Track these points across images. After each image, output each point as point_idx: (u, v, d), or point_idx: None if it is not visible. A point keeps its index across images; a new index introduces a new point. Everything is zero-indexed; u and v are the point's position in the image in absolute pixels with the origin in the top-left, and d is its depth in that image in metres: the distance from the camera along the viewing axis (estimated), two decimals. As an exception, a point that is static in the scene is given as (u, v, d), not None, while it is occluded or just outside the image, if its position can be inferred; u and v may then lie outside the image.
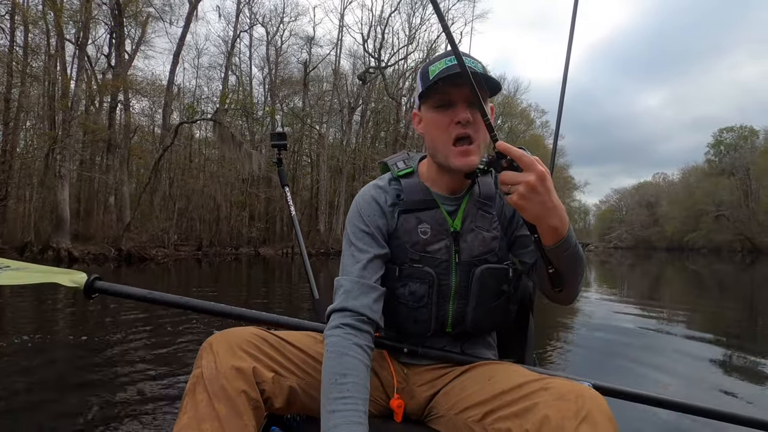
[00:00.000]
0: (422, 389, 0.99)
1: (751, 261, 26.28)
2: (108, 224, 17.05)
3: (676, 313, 6.32)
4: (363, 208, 1.02)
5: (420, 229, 1.00)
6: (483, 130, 0.92)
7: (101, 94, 19.04)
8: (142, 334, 4.10)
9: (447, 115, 0.95)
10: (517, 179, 0.79)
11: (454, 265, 0.99)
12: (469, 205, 1.03)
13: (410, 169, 1.07)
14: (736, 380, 3.20)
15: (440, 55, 0.96)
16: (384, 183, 1.07)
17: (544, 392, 0.76)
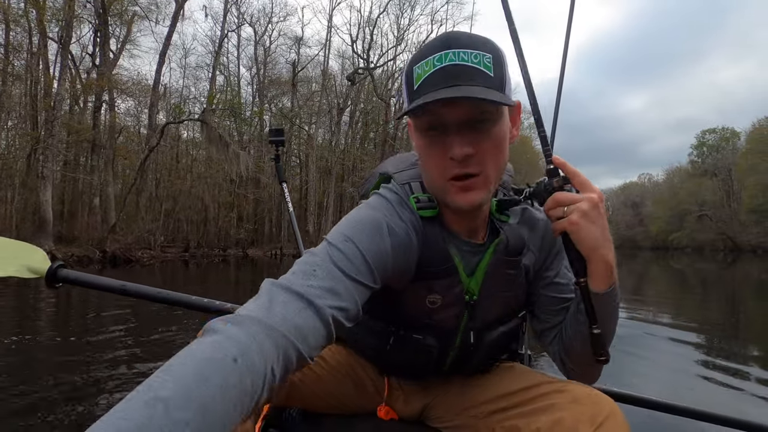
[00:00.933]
0: (418, 396, 0.91)
1: (733, 260, 26.85)
2: (93, 226, 16.79)
3: (661, 310, 6.42)
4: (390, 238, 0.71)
5: (429, 299, 0.79)
6: (495, 152, 0.71)
7: (85, 93, 18.77)
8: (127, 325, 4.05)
9: (438, 144, 0.71)
10: (579, 197, 0.69)
11: (461, 330, 0.83)
12: (492, 264, 0.80)
13: (434, 211, 0.78)
14: (716, 374, 3.28)
15: (430, 47, 0.70)
16: (406, 215, 0.77)
17: (558, 395, 0.73)
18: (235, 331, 0.49)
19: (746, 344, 4.43)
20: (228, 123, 25.78)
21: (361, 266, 0.66)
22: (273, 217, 27.26)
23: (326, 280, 0.62)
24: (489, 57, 0.69)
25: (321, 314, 0.59)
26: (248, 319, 0.52)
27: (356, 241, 0.67)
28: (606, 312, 0.73)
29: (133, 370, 3.00)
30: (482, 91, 0.66)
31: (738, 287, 10.91)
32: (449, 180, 0.72)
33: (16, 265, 0.97)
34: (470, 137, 0.69)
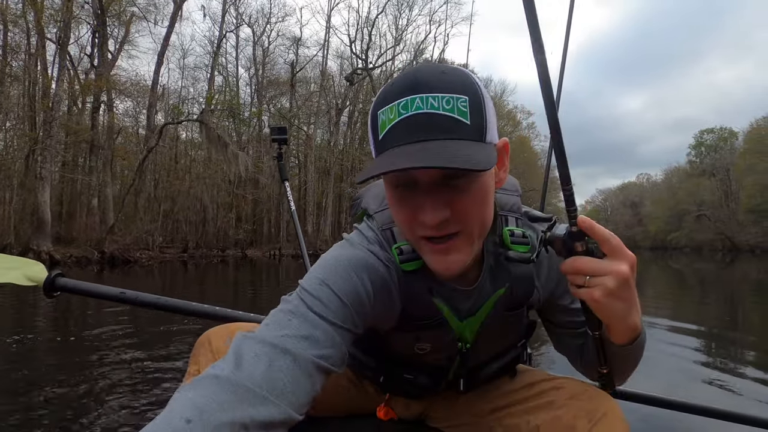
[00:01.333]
0: (418, 400, 0.90)
1: (731, 259, 26.89)
2: (91, 226, 16.77)
3: (660, 310, 6.43)
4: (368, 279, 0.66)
5: (418, 346, 0.76)
6: (476, 208, 0.61)
7: (84, 94, 18.75)
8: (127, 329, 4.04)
9: (409, 202, 0.62)
10: (605, 269, 0.58)
11: (454, 368, 0.80)
12: (492, 317, 0.74)
13: (418, 263, 0.69)
14: (713, 373, 3.28)
15: (394, 89, 0.60)
16: (386, 257, 0.70)
17: (556, 392, 0.74)
18: (191, 394, 0.47)
19: (744, 344, 4.44)
20: (227, 123, 25.77)
21: (339, 310, 0.60)
22: (272, 217, 27.25)
23: (303, 327, 0.57)
24: (464, 100, 0.57)
25: (300, 363, 0.54)
26: (209, 379, 0.49)
27: (330, 284, 0.62)
28: (625, 356, 0.69)
29: (129, 372, 3.00)
30: (456, 147, 0.55)
31: (736, 287, 10.93)
32: (421, 238, 0.63)
33: (15, 274, 0.98)
34: (445, 198, 0.59)
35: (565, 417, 0.68)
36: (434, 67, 0.60)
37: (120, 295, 1.01)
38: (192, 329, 4.21)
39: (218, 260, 18.87)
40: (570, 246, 0.61)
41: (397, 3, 29.11)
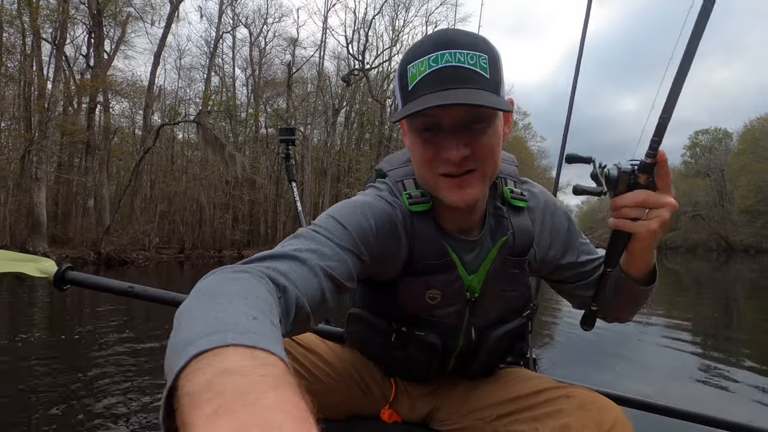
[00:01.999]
0: (424, 401, 0.90)
1: (726, 259, 27.08)
2: (87, 227, 16.71)
3: (655, 310, 6.48)
4: (372, 215, 0.72)
5: (428, 294, 0.78)
6: (490, 150, 0.70)
7: (79, 94, 18.69)
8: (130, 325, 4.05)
9: (433, 143, 0.69)
10: (664, 201, 0.65)
11: (464, 329, 0.82)
12: (497, 263, 0.79)
13: (427, 205, 0.76)
14: (708, 374, 3.33)
15: (425, 46, 0.67)
16: (396, 202, 0.77)
17: (565, 400, 0.73)
18: (233, 274, 0.50)
19: (738, 344, 4.50)
20: (223, 124, 25.74)
21: (344, 235, 0.67)
22: (268, 218, 27.22)
23: (311, 244, 0.62)
24: (485, 58, 0.66)
25: (309, 265, 0.59)
26: (237, 268, 0.53)
27: (337, 217, 0.69)
28: (642, 295, 0.78)
29: (126, 369, 3.01)
30: (479, 94, 0.64)
31: (731, 286, 11.02)
32: (441, 175, 0.71)
33: (28, 266, 1.01)
34: (466, 138, 0.68)
35: (574, 426, 0.68)
36: (459, 30, 0.69)
37: (128, 289, 1.01)
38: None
39: (215, 261, 18.83)
40: (636, 178, 0.65)
41: (394, 4, 29.17)
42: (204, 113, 18.95)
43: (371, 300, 0.85)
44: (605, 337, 4.39)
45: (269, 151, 27.81)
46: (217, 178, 23.08)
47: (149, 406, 2.35)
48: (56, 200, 18.68)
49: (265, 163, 26.70)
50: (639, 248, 0.72)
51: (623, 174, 0.66)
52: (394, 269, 0.77)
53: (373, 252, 0.71)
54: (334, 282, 0.62)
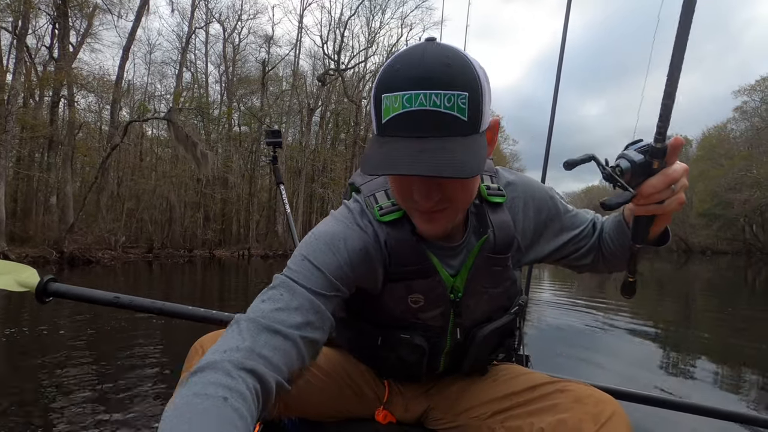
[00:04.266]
0: (418, 401, 0.90)
1: (685, 260, 28.35)
2: (49, 225, 16.06)
3: (620, 307, 6.75)
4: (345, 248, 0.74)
5: (411, 298, 0.79)
6: (464, 190, 0.69)
7: (42, 87, 17.94)
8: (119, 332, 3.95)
9: (404, 182, 0.69)
10: (681, 172, 0.68)
11: (450, 330, 0.83)
12: (478, 262, 0.79)
13: (397, 214, 0.76)
14: (668, 363, 3.53)
15: (401, 79, 0.62)
16: (365, 219, 0.78)
17: (560, 394, 0.73)
18: (215, 377, 0.54)
19: (696, 336, 4.76)
20: (196, 122, 25.20)
21: (320, 280, 0.69)
22: (241, 217, 26.81)
23: (290, 299, 0.66)
24: (464, 97, 0.61)
25: (290, 339, 0.63)
26: (219, 363, 0.56)
27: (311, 258, 0.71)
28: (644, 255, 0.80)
29: (129, 371, 2.96)
30: (451, 149, 0.61)
31: (690, 286, 11.58)
32: (413, 208, 0.71)
33: (5, 279, 0.96)
34: (437, 184, 0.66)
35: (571, 420, 0.68)
36: (439, 57, 0.62)
37: (114, 300, 1.00)
38: (185, 336, 4.16)
39: (185, 260, 18.42)
40: (649, 164, 0.66)
41: (370, 6, 29.24)
42: (175, 110, 18.51)
43: (356, 306, 0.85)
44: (571, 334, 4.58)
45: (242, 150, 27.38)
46: (188, 176, 22.57)
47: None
48: (15, 197, 17.87)
49: (238, 162, 26.28)
50: (665, 221, 0.75)
51: (640, 166, 0.66)
52: (376, 286, 0.79)
53: (351, 283, 0.74)
54: (311, 344, 0.66)
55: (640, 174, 0.67)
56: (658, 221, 0.74)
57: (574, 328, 4.95)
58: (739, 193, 36.24)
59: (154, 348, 3.57)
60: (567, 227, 0.88)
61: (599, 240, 0.89)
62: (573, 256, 0.89)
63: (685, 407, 1.01)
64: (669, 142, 0.67)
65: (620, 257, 0.85)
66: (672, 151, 0.67)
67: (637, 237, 0.75)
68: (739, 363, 3.51)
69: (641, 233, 0.74)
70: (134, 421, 2.15)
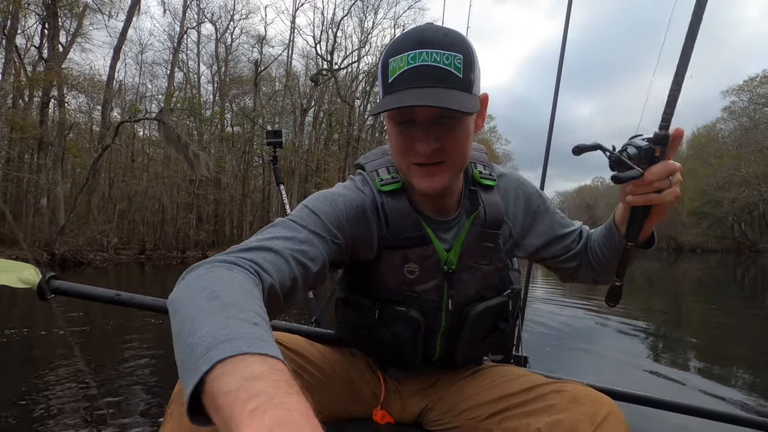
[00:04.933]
0: (415, 400, 0.91)
1: (675, 259, 28.65)
2: (39, 227, 15.91)
3: (600, 304, 6.83)
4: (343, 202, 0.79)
5: (407, 268, 0.82)
6: (461, 143, 0.75)
7: (31, 88, 17.76)
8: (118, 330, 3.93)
9: (407, 135, 0.75)
10: (678, 166, 0.70)
11: (445, 306, 0.85)
12: (470, 236, 0.84)
13: (398, 185, 0.83)
14: (658, 362, 3.58)
15: (405, 42, 0.72)
16: (366, 188, 0.84)
17: (557, 395, 0.74)
18: (211, 266, 0.57)
19: (685, 335, 4.84)
20: (188, 123, 25.06)
21: (316, 222, 0.73)
22: (234, 218, 26.71)
23: (286, 231, 0.69)
24: (459, 58, 0.70)
25: (282, 255, 0.65)
26: (211, 262, 0.59)
27: (310, 206, 0.76)
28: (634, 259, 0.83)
29: (128, 369, 2.95)
30: (449, 95, 0.69)
31: (679, 284, 11.71)
32: (414, 164, 0.76)
33: (7, 276, 0.96)
34: (437, 132, 0.73)
35: (567, 420, 0.68)
36: (438, 28, 0.73)
37: (115, 297, 0.99)
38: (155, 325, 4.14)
39: (178, 261, 18.31)
40: (653, 150, 0.68)
41: (363, 6, 29.25)
42: (166, 110, 18.40)
43: (355, 282, 0.89)
44: (563, 332, 4.64)
45: (235, 150, 27.27)
46: (180, 177, 22.45)
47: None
48: (5, 199, 17.67)
49: (231, 162, 26.17)
50: (660, 214, 0.76)
51: (645, 151, 0.69)
52: (372, 250, 0.82)
53: (346, 235, 0.77)
54: (303, 267, 0.68)
55: (644, 161, 0.70)
56: (653, 214, 0.76)
57: (568, 326, 5.01)
58: (728, 191, 36.72)
59: (148, 348, 3.57)
60: (556, 226, 0.92)
61: (586, 249, 0.92)
62: (560, 258, 0.92)
63: (681, 408, 1.00)
64: (671, 132, 0.70)
65: (607, 265, 0.88)
66: (673, 141, 0.70)
67: (632, 232, 0.77)
68: (729, 361, 3.58)
69: (636, 227, 0.77)
70: (133, 421, 2.15)
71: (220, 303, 0.47)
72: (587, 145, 0.75)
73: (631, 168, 0.70)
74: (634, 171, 0.70)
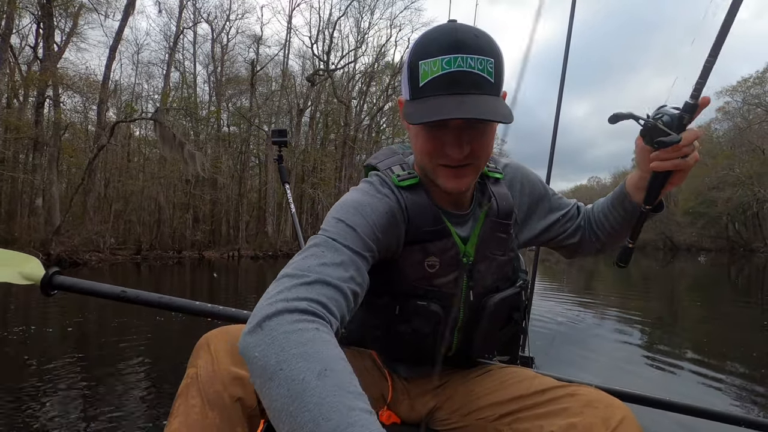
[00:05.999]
0: (424, 400, 0.91)
1: (671, 258, 28.82)
2: (34, 227, 15.81)
3: (608, 304, 6.88)
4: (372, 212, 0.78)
5: (427, 262, 0.83)
6: (487, 145, 0.77)
7: (26, 87, 17.65)
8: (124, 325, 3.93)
9: (438, 137, 0.75)
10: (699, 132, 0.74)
11: (463, 298, 0.86)
12: (485, 227, 0.86)
13: (414, 179, 0.85)
14: (655, 360, 3.61)
15: (439, 45, 0.71)
16: (385, 189, 0.84)
17: (570, 398, 0.73)
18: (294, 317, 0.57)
19: (680, 334, 4.88)
20: (184, 123, 25.00)
21: (356, 239, 0.73)
22: (230, 218, 26.64)
23: (333, 255, 0.68)
24: (491, 62, 0.71)
25: (341, 291, 0.65)
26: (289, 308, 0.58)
27: (345, 220, 0.75)
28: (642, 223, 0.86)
29: (136, 364, 2.95)
30: (486, 103, 0.70)
31: (675, 283, 11.79)
32: (440, 165, 0.77)
33: (9, 272, 0.94)
34: (468, 137, 0.74)
35: (581, 425, 0.68)
36: (468, 29, 0.72)
37: (120, 294, 0.98)
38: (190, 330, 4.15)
39: (174, 262, 18.26)
40: (683, 117, 0.73)
41: (359, 6, 29.27)
42: (162, 110, 18.34)
43: (375, 278, 0.84)
44: (561, 330, 4.67)
45: (232, 150, 27.22)
46: (176, 177, 22.38)
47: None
48: None
49: (228, 162, 26.12)
50: (681, 178, 0.79)
51: (678, 119, 0.73)
52: (398, 250, 0.83)
53: (381, 247, 0.77)
54: (355, 296, 0.68)
55: (675, 128, 0.74)
56: (675, 178, 0.79)
57: (569, 324, 5.04)
58: (722, 191, 36.95)
59: (150, 344, 3.57)
60: (555, 208, 0.98)
61: (586, 222, 0.98)
62: (562, 236, 0.97)
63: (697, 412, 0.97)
64: (700, 101, 0.73)
65: (614, 233, 0.93)
66: (700, 108, 0.74)
67: (652, 196, 0.80)
68: (743, 360, 3.61)
69: (656, 190, 0.80)
70: (138, 416, 2.16)
71: (332, 384, 0.48)
72: (623, 114, 0.78)
73: (668, 134, 0.74)
74: (674, 137, 0.73)
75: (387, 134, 32.72)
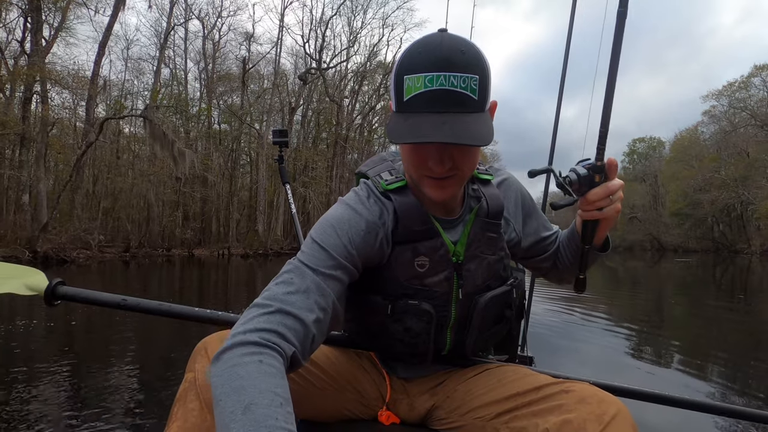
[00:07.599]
0: (422, 399, 0.92)
1: (658, 258, 29.23)
2: (21, 224, 15.60)
3: (597, 303, 6.98)
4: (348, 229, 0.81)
5: (417, 262, 0.85)
6: (471, 158, 0.79)
7: (13, 82, 17.39)
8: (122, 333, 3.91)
9: (420, 153, 0.78)
10: (618, 185, 0.81)
11: (454, 297, 0.88)
12: (474, 228, 0.88)
13: (402, 182, 0.87)
14: (641, 356, 3.71)
15: (423, 61, 0.72)
16: (371, 199, 0.87)
17: (565, 395, 0.74)
18: (244, 350, 0.62)
19: (666, 331, 4.99)
20: (175, 120, 24.79)
21: (326, 260, 0.76)
22: (221, 216, 26.49)
23: (301, 281, 0.73)
24: (476, 79, 0.72)
25: (301, 320, 0.69)
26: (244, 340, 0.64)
27: (319, 240, 0.78)
28: (595, 260, 0.95)
29: (133, 370, 2.95)
30: (467, 123, 0.71)
31: (663, 283, 11.98)
32: (425, 176, 0.79)
33: (14, 284, 0.97)
34: (449, 153, 0.76)
35: (575, 420, 0.69)
36: (455, 44, 0.72)
37: (121, 302, 1.00)
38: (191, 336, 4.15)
39: (163, 260, 18.12)
40: (592, 178, 0.81)
41: (352, 5, 29.25)
42: (152, 107, 18.18)
43: (365, 282, 0.88)
44: (553, 329, 4.75)
45: (222, 148, 27.05)
46: (166, 175, 22.19)
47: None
48: (-15, 195, 17.30)
49: (218, 160, 25.96)
50: (607, 226, 0.88)
51: (585, 178, 0.82)
52: (383, 257, 0.85)
53: (356, 261, 0.80)
54: (321, 327, 0.73)
55: (586, 185, 0.82)
56: (601, 226, 0.88)
57: (569, 324, 5.11)
58: (708, 193, 37.54)
59: (148, 349, 3.57)
60: (542, 227, 1.01)
61: (557, 251, 1.02)
62: (540, 256, 1.01)
63: (689, 404, 0.98)
64: (606, 161, 0.81)
65: (569, 265, 0.99)
66: (609, 168, 0.81)
67: (585, 239, 0.89)
68: (733, 354, 3.71)
69: (589, 235, 0.89)
70: (135, 422, 2.17)
71: (252, 420, 0.53)
72: (539, 170, 0.87)
73: (570, 194, 0.83)
74: (568, 198, 0.83)
75: (379, 133, 32.75)
